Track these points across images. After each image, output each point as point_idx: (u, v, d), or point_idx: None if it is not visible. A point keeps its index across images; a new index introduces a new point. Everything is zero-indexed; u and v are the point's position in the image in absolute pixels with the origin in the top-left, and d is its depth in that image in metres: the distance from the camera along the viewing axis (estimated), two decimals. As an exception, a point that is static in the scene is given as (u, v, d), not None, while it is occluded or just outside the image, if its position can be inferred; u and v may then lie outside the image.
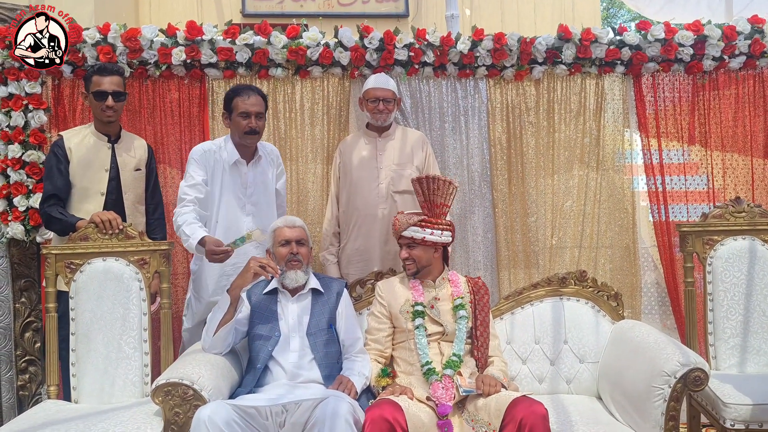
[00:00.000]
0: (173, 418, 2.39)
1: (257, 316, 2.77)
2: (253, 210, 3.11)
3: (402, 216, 2.84)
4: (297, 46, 3.41)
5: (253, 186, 3.12)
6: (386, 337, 2.83)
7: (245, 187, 3.11)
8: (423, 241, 2.79)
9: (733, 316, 2.97)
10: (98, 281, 2.80)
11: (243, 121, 3.01)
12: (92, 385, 2.76)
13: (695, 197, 3.74)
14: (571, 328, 3.04)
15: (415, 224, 2.79)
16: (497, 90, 3.65)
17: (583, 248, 3.69)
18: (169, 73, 3.47)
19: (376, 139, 3.39)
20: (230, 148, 3.08)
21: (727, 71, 3.67)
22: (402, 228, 2.80)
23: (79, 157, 3.09)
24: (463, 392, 2.52)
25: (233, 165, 3.07)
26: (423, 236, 2.78)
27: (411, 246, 2.81)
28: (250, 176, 3.11)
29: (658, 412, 2.44)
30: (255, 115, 3.02)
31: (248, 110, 2.99)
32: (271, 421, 2.41)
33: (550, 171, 3.68)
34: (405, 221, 2.80)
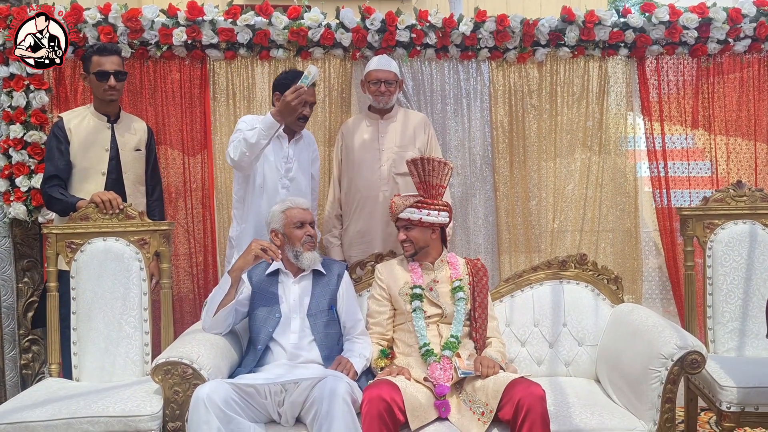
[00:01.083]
0: (173, 396, 2.41)
1: (258, 297, 2.78)
2: (288, 185, 3.11)
3: (398, 198, 2.84)
4: (298, 27, 3.39)
5: (292, 162, 3.13)
6: (387, 320, 2.84)
7: (285, 162, 3.11)
8: (420, 223, 2.79)
9: (732, 300, 2.97)
10: (99, 261, 2.82)
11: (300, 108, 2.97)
12: (93, 364, 2.79)
13: (698, 183, 3.72)
14: (570, 311, 3.04)
15: (412, 205, 2.79)
16: (500, 72, 3.63)
17: (585, 232, 3.68)
18: (170, 54, 3.46)
19: (378, 121, 3.38)
20: None
21: (732, 54, 3.64)
22: (399, 210, 2.80)
23: (79, 137, 3.10)
24: (461, 374, 2.53)
25: (275, 139, 3.05)
26: (420, 217, 2.78)
27: (408, 228, 2.81)
28: (291, 152, 3.12)
29: (655, 394, 2.45)
30: (310, 104, 3.08)
31: (306, 99, 2.96)
32: (270, 400, 2.43)
33: (552, 154, 3.67)
34: (401, 203, 2.80)
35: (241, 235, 3.12)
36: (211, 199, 3.58)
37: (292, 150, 3.13)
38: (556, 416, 2.44)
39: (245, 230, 3.10)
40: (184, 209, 3.59)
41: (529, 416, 2.29)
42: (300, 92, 2.76)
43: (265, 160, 3.06)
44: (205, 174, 3.58)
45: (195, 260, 3.61)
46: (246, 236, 3.06)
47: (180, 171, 3.57)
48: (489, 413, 2.39)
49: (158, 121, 3.52)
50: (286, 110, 2.80)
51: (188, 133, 3.55)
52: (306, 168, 3.21)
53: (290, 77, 3.02)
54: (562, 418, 2.45)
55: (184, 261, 3.59)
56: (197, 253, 3.60)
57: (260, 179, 3.07)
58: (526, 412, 2.30)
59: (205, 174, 3.58)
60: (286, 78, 3.06)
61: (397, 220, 2.84)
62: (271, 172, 3.08)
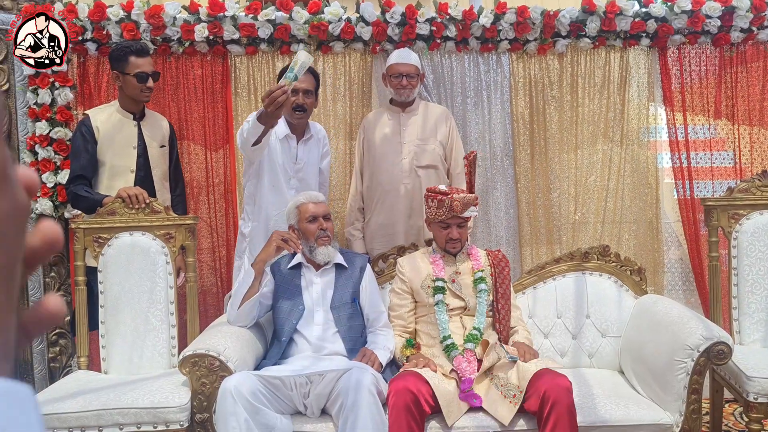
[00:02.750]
0: (200, 388, 2.44)
1: (281, 290, 2.80)
2: (297, 185, 3.12)
3: (459, 196, 2.76)
4: (318, 21, 3.41)
5: (301, 162, 3.14)
6: (408, 313, 2.85)
7: (293, 163, 3.12)
8: (467, 220, 2.81)
9: (758, 291, 2.94)
10: (125, 255, 2.86)
11: (292, 97, 2.95)
12: (121, 356, 2.83)
13: (721, 173, 3.69)
14: (593, 302, 3.03)
15: (473, 203, 2.77)
16: (520, 64, 3.62)
17: (606, 224, 3.67)
18: (192, 50, 3.49)
19: (399, 114, 3.39)
20: (281, 123, 3.05)
21: (756, 43, 3.59)
22: (463, 210, 2.75)
23: (106, 135, 3.13)
24: (509, 358, 2.52)
25: (283, 139, 3.07)
26: (474, 215, 2.82)
27: (461, 225, 2.81)
28: (300, 153, 3.12)
29: (681, 385, 2.44)
30: (303, 92, 3.01)
31: (297, 87, 2.96)
32: (296, 391, 2.46)
33: (573, 146, 3.66)
34: (465, 202, 2.75)
35: (253, 233, 3.14)
36: (233, 193, 3.61)
37: (301, 151, 3.13)
38: (581, 408, 2.43)
39: (257, 228, 3.12)
40: (206, 204, 3.62)
41: (555, 408, 2.29)
42: (274, 96, 2.52)
43: (274, 161, 3.07)
44: (227, 169, 3.61)
45: (218, 254, 3.64)
46: (258, 234, 3.08)
47: (202, 166, 3.61)
48: (519, 394, 2.38)
49: (181, 116, 3.55)
50: (266, 115, 2.62)
51: (210, 128, 3.58)
52: (316, 167, 3.23)
53: (282, 72, 2.99)
54: (587, 409, 2.45)
55: (207, 255, 3.63)
56: (220, 247, 3.63)
57: (270, 179, 3.08)
58: (553, 404, 2.30)
59: (227, 169, 3.61)
60: (280, 72, 3.06)
61: (453, 218, 2.78)
62: (280, 172, 3.09)
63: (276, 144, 3.07)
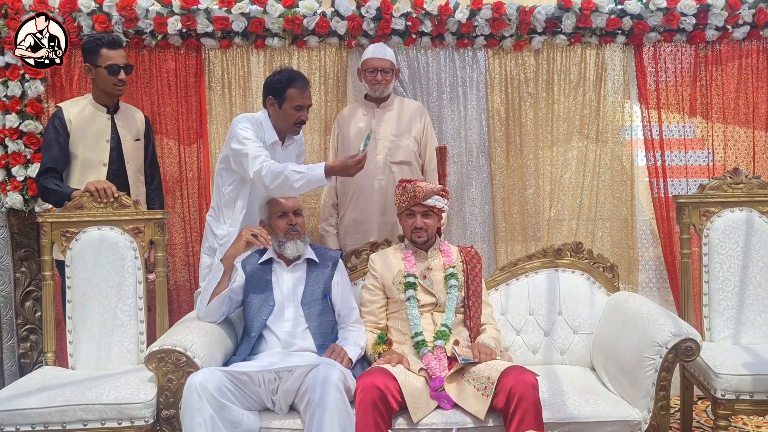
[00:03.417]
0: (166, 384, 2.42)
1: (252, 285, 2.78)
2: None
3: (425, 184, 2.81)
4: (293, 15, 3.38)
5: None
6: (380, 309, 2.83)
7: None
8: (438, 211, 2.81)
9: (728, 288, 2.95)
10: (93, 249, 2.82)
11: (296, 113, 2.95)
12: (89, 352, 2.79)
13: (696, 171, 3.70)
14: (565, 299, 3.03)
15: (438, 193, 2.79)
16: (496, 60, 3.61)
17: (581, 221, 3.67)
18: (165, 43, 3.45)
19: (374, 109, 3.37)
20: (269, 129, 2.99)
21: (731, 41, 3.60)
22: (426, 196, 2.77)
23: (79, 127, 3.09)
24: (461, 361, 2.51)
25: (271, 145, 2.99)
26: (442, 206, 2.81)
27: (427, 215, 2.80)
28: (281, 157, 3.08)
29: (649, 382, 2.44)
30: (308, 108, 3.00)
31: (304, 104, 2.94)
32: (263, 388, 2.44)
33: (548, 143, 3.66)
34: (429, 189, 2.78)
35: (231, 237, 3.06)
36: (207, 188, 3.58)
37: (282, 155, 3.08)
38: (550, 404, 2.44)
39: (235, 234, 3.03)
40: (180, 199, 3.59)
41: (521, 404, 2.29)
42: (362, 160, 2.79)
43: None
44: (201, 164, 3.57)
45: (191, 250, 3.60)
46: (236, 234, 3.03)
47: (176, 160, 3.57)
48: (491, 386, 2.37)
49: (154, 110, 3.51)
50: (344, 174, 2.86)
51: (184, 122, 3.55)
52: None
53: (284, 80, 2.93)
54: (556, 406, 2.45)
55: (180, 251, 3.59)
56: (193, 242, 3.59)
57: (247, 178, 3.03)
58: (519, 400, 2.29)
59: (201, 164, 3.58)
60: (279, 82, 2.94)
61: (416, 205, 2.79)
62: None
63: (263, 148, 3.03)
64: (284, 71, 3.00)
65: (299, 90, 2.92)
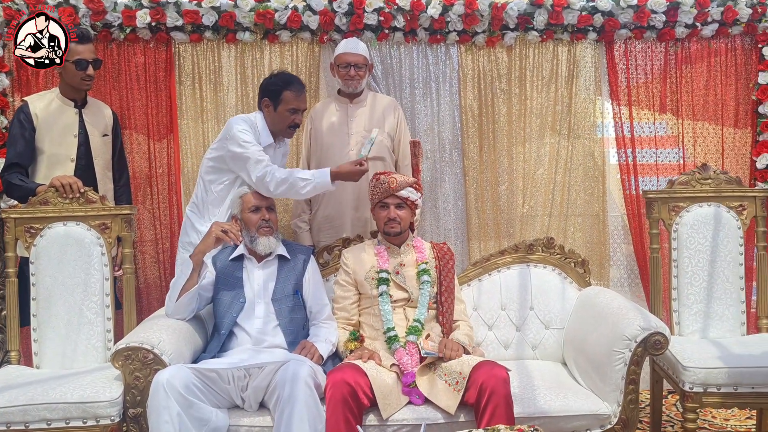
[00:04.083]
0: (133, 382, 2.37)
1: (222, 282, 2.74)
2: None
3: (398, 175, 2.82)
4: (264, 9, 3.35)
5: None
6: (352, 305, 2.82)
7: None
8: (412, 204, 2.80)
9: (697, 283, 2.98)
10: (59, 246, 2.77)
11: (291, 116, 2.93)
12: (54, 350, 2.73)
13: (666, 170, 3.74)
14: (537, 294, 3.04)
15: (411, 186, 2.79)
16: (468, 56, 3.61)
17: (554, 217, 3.69)
18: (134, 37, 3.40)
19: (347, 105, 3.35)
20: (264, 131, 2.97)
21: (700, 39, 3.64)
22: (400, 187, 2.76)
23: (45, 122, 3.03)
24: (424, 354, 2.51)
25: (267, 147, 2.97)
26: (416, 199, 2.80)
27: (400, 207, 2.79)
28: (272, 159, 3.03)
29: (619, 375, 2.46)
30: (302, 111, 2.98)
31: (299, 107, 2.94)
32: (233, 385, 2.41)
33: (521, 139, 3.67)
34: (403, 181, 2.78)
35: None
36: (177, 184, 3.53)
37: (272, 155, 3.05)
38: (521, 399, 2.44)
39: None
40: (150, 195, 3.54)
41: (492, 399, 2.29)
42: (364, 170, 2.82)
43: None
44: (171, 159, 3.53)
45: (161, 247, 3.56)
46: None
47: (146, 156, 3.53)
48: (462, 380, 2.37)
49: (123, 105, 3.46)
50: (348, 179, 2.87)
51: (154, 117, 3.50)
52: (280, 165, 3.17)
53: (280, 82, 2.92)
54: (527, 400, 2.45)
55: (151, 247, 3.55)
56: (164, 239, 3.55)
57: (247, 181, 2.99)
58: (490, 395, 2.29)
59: (171, 159, 3.53)
60: (276, 84, 2.93)
61: (390, 196, 2.78)
62: None
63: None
64: (281, 74, 3.01)
65: (295, 93, 2.92)
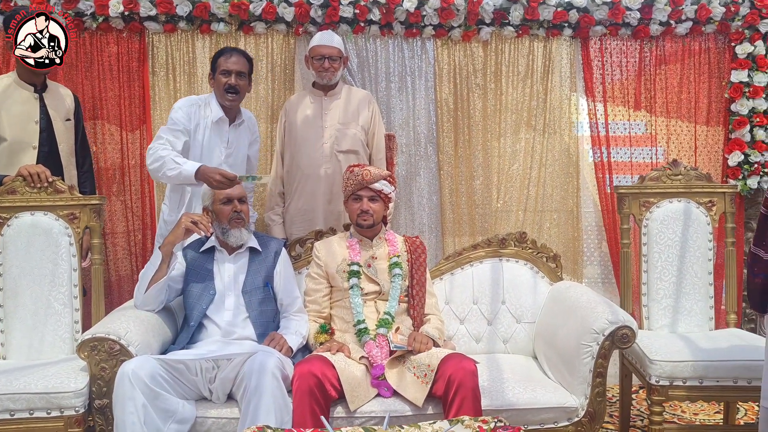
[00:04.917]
0: (99, 373, 2.35)
1: (192, 274, 2.72)
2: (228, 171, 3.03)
3: (373, 168, 2.82)
4: (239, 0, 3.32)
5: (232, 147, 3.08)
6: (323, 298, 2.81)
7: (225, 146, 3.05)
8: (386, 197, 2.80)
9: (666, 278, 3.01)
10: (26, 236, 2.73)
11: (224, 78, 2.97)
12: (20, 341, 2.70)
13: (640, 168, 3.76)
14: (509, 288, 3.06)
15: (385, 178, 2.78)
16: (444, 51, 3.61)
17: (528, 212, 3.71)
18: (107, 26, 3.37)
19: (322, 98, 3.34)
20: (215, 106, 3.03)
21: (674, 37, 3.67)
22: (374, 180, 2.76)
23: (3, 108, 2.93)
24: (393, 347, 2.51)
25: (216, 123, 3.01)
26: (389, 192, 2.79)
27: (373, 199, 2.78)
28: (231, 137, 3.06)
29: (587, 369, 2.47)
30: (236, 73, 2.98)
31: (229, 68, 2.97)
32: (200, 376, 2.40)
33: (496, 134, 3.68)
34: (377, 173, 2.77)
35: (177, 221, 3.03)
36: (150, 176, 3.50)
37: (233, 135, 3.07)
38: (490, 392, 2.45)
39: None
40: (122, 186, 3.51)
41: (459, 391, 2.30)
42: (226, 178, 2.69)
43: (205, 146, 3.00)
44: (144, 150, 3.48)
45: (134, 239, 3.53)
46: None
47: (118, 147, 3.49)
48: (431, 373, 2.38)
49: (95, 95, 3.43)
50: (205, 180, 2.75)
51: (126, 108, 3.47)
52: (245, 152, 3.17)
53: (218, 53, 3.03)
54: (495, 393, 2.46)
55: (123, 239, 3.51)
56: (136, 231, 3.52)
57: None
58: (457, 387, 2.30)
59: (144, 150, 3.48)
60: (214, 57, 3.03)
61: (363, 188, 2.77)
62: (211, 157, 3.01)
63: (207, 129, 3.01)
64: (227, 49, 3.09)
65: (225, 57, 3.00)
